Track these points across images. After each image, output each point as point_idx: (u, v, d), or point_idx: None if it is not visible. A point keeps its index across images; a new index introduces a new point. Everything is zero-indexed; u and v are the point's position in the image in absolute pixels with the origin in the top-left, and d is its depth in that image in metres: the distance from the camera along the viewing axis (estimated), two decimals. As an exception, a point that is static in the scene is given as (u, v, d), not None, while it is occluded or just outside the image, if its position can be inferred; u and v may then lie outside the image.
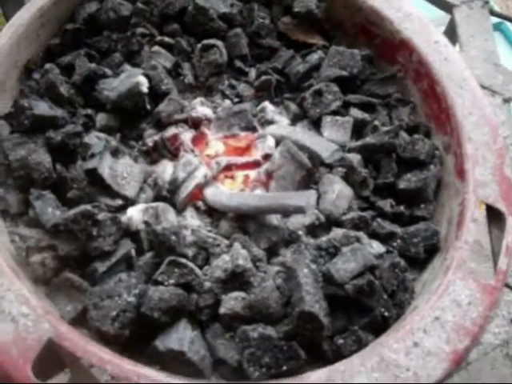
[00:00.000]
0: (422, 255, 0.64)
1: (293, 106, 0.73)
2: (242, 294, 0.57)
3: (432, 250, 0.65)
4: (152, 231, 0.60)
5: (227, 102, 0.72)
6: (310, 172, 0.65)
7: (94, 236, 0.58)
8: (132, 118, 0.69)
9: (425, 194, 0.68)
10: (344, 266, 0.57)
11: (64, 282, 0.59)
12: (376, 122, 0.71)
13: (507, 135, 0.72)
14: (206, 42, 0.73)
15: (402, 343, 0.53)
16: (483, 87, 0.75)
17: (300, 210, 0.60)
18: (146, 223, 0.62)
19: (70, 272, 0.59)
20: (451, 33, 0.81)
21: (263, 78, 0.72)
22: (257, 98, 0.73)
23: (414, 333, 0.54)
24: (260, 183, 0.66)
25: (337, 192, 0.65)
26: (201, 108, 0.70)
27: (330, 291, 0.57)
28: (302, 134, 0.67)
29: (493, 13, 0.84)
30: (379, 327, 0.58)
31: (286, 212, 0.61)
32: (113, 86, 0.67)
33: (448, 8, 0.83)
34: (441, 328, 0.55)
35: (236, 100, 0.72)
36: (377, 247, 0.63)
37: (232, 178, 0.68)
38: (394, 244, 0.65)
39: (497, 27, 1.43)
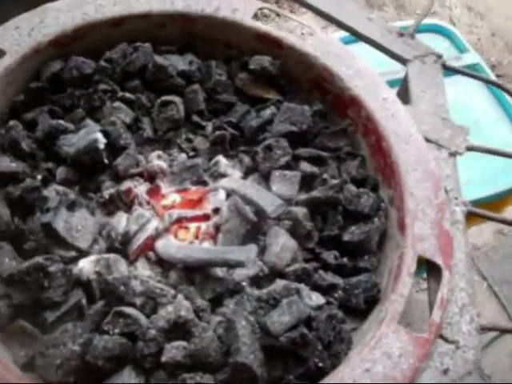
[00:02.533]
0: (363, 306, 0.69)
1: (246, 159, 0.79)
2: (183, 344, 0.62)
3: (372, 301, 0.70)
4: (103, 281, 0.66)
5: (183, 156, 0.78)
6: (254, 226, 0.71)
7: (45, 287, 0.63)
8: (91, 171, 0.75)
9: (368, 246, 0.73)
10: (279, 319, 0.62)
11: (18, 329, 0.65)
12: (325, 176, 0.77)
13: (451, 188, 0.77)
14: (164, 98, 0.79)
15: (330, 394, 0.57)
16: (430, 141, 0.80)
17: (240, 265, 0.66)
18: (98, 273, 0.67)
19: (23, 320, 0.64)
20: (406, 86, 0.87)
21: (217, 132, 0.78)
22: (212, 151, 0.78)
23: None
24: (209, 236, 0.72)
25: (281, 244, 0.70)
26: (156, 162, 0.76)
27: (266, 342, 0.62)
28: (250, 188, 0.73)
29: (445, 67, 0.90)
30: (314, 377, 0.62)
31: (228, 266, 0.67)
32: (72, 142, 0.73)
33: (403, 62, 0.89)
34: (370, 380, 0.60)
35: (192, 153, 0.78)
36: (316, 299, 0.68)
37: (186, 228, 0.74)
38: (336, 295, 0.70)
39: (473, 68, 1.49)
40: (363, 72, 0.81)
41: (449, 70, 0.91)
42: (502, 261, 1.81)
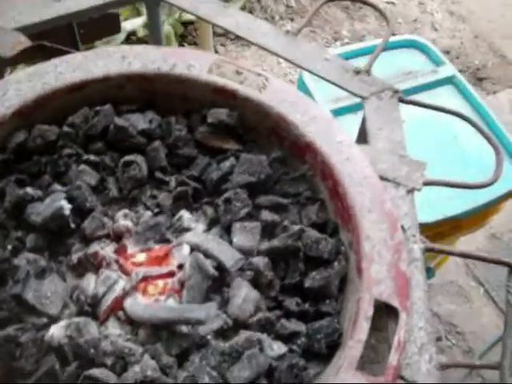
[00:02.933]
0: (325, 351, 0.72)
1: (210, 211, 0.82)
2: (152, 402, 0.65)
3: (333, 345, 0.72)
4: (75, 344, 0.69)
5: (148, 213, 0.81)
6: (217, 279, 0.74)
7: (17, 357, 0.67)
8: (59, 236, 0.78)
9: (328, 290, 0.76)
10: (240, 374, 0.66)
11: (-6, 398, 0.68)
12: (285, 223, 0.80)
13: (409, 226, 0.79)
14: (126, 158, 0.82)
15: None
16: (388, 180, 0.82)
17: (200, 323, 0.69)
18: (70, 337, 0.70)
19: (-1, 389, 0.68)
20: (364, 124, 0.89)
21: (180, 188, 0.81)
22: (175, 206, 0.82)
23: None
24: (174, 292, 0.75)
25: (243, 296, 0.73)
26: (122, 222, 0.79)
27: (227, 397, 0.65)
28: (212, 242, 0.76)
29: (403, 101, 0.92)
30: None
31: (189, 324, 0.70)
32: (39, 211, 0.76)
33: (361, 99, 0.92)
34: (328, 428, 0.63)
35: (156, 210, 0.81)
36: (278, 349, 0.71)
37: (153, 284, 0.77)
38: (299, 342, 0.72)
39: (449, 80, 1.51)
40: (318, 117, 0.84)
41: (405, 103, 0.93)
42: (497, 265, 1.82)
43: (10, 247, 0.76)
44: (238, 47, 2.01)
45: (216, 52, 2.02)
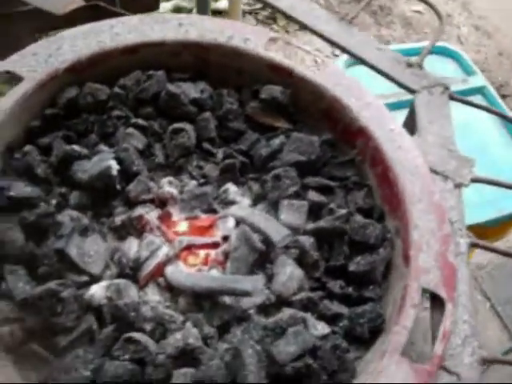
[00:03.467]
0: (367, 336, 0.71)
1: (255, 187, 0.81)
2: (191, 370, 0.64)
3: (376, 331, 0.71)
4: (114, 306, 0.68)
5: (193, 183, 0.79)
6: (262, 254, 0.72)
7: (58, 312, 0.65)
8: (103, 197, 0.77)
9: (373, 276, 0.74)
10: (285, 349, 0.64)
11: (30, 352, 0.66)
12: (332, 205, 0.78)
13: (456, 220, 0.79)
14: (175, 125, 0.81)
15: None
16: (436, 173, 0.82)
17: (246, 294, 0.68)
18: (109, 299, 0.69)
19: (35, 343, 0.66)
20: (413, 117, 0.89)
21: (227, 160, 0.80)
22: (222, 178, 0.80)
23: (346, 415, 0.61)
24: (217, 263, 0.73)
25: (288, 274, 0.72)
26: (168, 188, 0.78)
27: (272, 371, 0.64)
28: (258, 216, 0.75)
29: (453, 98, 0.92)
30: (319, 405, 0.64)
31: (235, 294, 0.68)
32: (86, 168, 0.75)
33: (411, 92, 0.91)
34: (372, 410, 0.62)
35: (202, 180, 0.80)
36: (321, 328, 0.69)
37: (196, 254, 0.76)
38: (341, 324, 0.71)
39: (479, 91, 1.51)
40: (371, 104, 0.83)
41: (455, 101, 0.92)
42: (507, 280, 1.82)
43: (54, 202, 0.74)
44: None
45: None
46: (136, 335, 0.65)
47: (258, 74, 0.85)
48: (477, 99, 1.53)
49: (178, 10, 1.91)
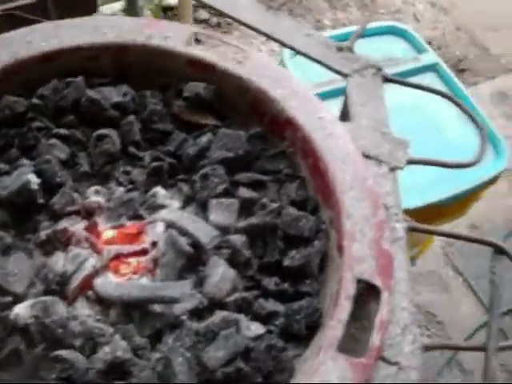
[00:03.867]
0: (304, 332, 0.69)
1: (185, 188, 0.79)
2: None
3: (314, 326, 0.70)
4: (40, 324, 0.66)
5: (120, 189, 0.77)
6: (192, 257, 0.71)
7: (-20, 336, 0.63)
8: (27, 212, 0.74)
9: (309, 270, 0.73)
10: (215, 354, 0.63)
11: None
12: (264, 200, 0.77)
13: (392, 205, 0.77)
14: (99, 132, 0.79)
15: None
16: (370, 157, 0.80)
17: (174, 301, 0.66)
18: (36, 317, 0.67)
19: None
20: (346, 102, 0.87)
21: (154, 164, 0.78)
22: (150, 182, 0.78)
23: (282, 416, 0.59)
24: (147, 270, 0.71)
25: (220, 274, 0.70)
26: (94, 198, 0.75)
27: (204, 377, 0.62)
28: (187, 219, 0.73)
29: (387, 79, 0.90)
30: (256, 409, 0.63)
31: (163, 302, 0.67)
32: (5, 185, 0.72)
33: (344, 76, 0.89)
34: (309, 410, 0.60)
35: (129, 186, 0.78)
36: (255, 329, 0.68)
37: (126, 263, 0.74)
38: (277, 322, 0.70)
39: (432, 68, 1.50)
40: (299, 93, 0.81)
41: (390, 82, 0.90)
42: (477, 255, 1.82)
43: (-27, 223, 0.72)
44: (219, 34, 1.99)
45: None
46: (63, 353, 0.63)
47: (180, 71, 0.83)
48: (430, 76, 1.52)
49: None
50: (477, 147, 0.86)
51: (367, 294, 0.70)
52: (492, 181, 1.37)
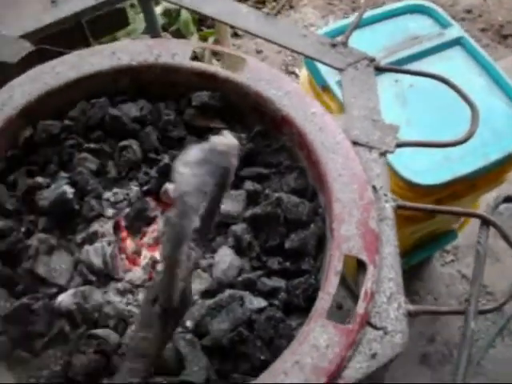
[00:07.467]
0: (303, 305, 0.80)
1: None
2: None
3: (311, 299, 0.80)
4: (80, 309, 0.81)
5: (136, 189, 0.91)
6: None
7: (31, 321, 0.79)
8: (66, 217, 0.89)
9: (306, 250, 0.84)
10: (219, 326, 0.76)
11: (18, 357, 0.80)
12: (267, 191, 0.88)
13: (381, 186, 0.86)
14: (121, 143, 0.93)
15: (265, 385, 0.69)
16: (361, 145, 0.89)
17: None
18: (77, 304, 0.82)
19: (20, 349, 0.80)
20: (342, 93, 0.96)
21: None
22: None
23: (276, 375, 0.71)
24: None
25: (228, 262, 0.83)
26: (113, 199, 0.90)
27: (210, 343, 0.75)
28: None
29: (379, 68, 0.98)
30: (260, 370, 0.74)
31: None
32: (45, 196, 0.88)
33: (339, 70, 0.98)
34: (299, 370, 0.71)
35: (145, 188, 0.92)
36: (258, 303, 0.80)
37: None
38: (279, 296, 0.81)
39: (457, 42, 1.53)
40: (292, 92, 0.91)
41: (383, 71, 0.98)
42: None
43: (23, 229, 0.88)
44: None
45: (236, 35, 2.08)
46: (98, 331, 0.78)
47: (189, 83, 0.96)
48: (456, 51, 1.55)
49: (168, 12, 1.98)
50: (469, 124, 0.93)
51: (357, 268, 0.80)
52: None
